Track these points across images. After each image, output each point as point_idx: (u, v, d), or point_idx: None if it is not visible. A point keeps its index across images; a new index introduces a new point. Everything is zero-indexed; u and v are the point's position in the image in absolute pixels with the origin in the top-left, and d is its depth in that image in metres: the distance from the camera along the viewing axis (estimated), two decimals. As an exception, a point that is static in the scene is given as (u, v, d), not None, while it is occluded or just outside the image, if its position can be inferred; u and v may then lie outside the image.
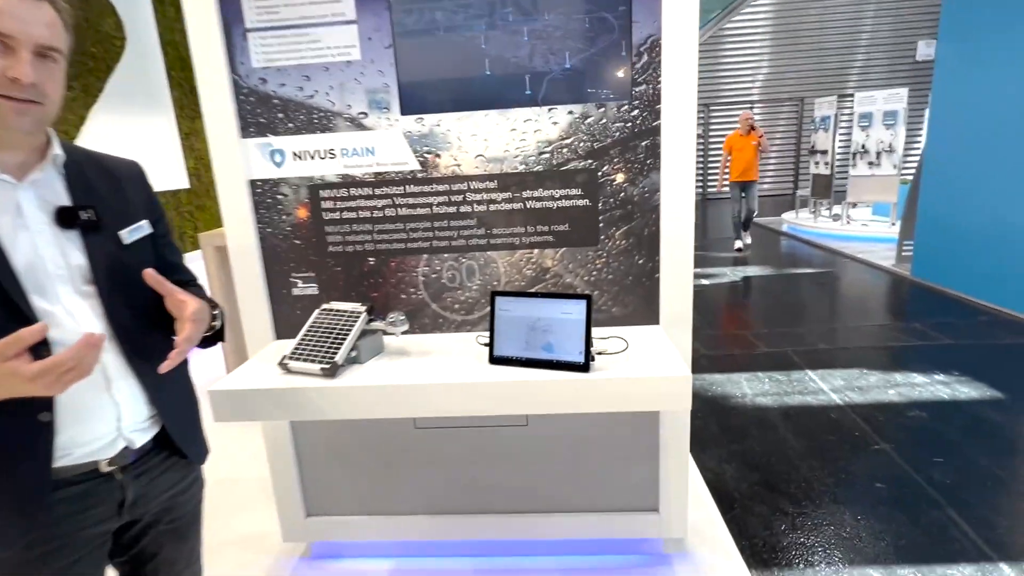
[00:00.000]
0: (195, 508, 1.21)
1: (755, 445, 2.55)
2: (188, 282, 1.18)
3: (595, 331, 1.55)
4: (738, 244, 7.00)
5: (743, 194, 6.70)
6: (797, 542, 1.93)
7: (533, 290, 1.63)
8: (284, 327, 1.69)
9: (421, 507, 1.86)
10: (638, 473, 1.78)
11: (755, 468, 2.37)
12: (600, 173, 1.54)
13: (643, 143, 1.51)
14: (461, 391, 1.32)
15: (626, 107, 1.49)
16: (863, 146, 7.05)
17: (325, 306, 1.54)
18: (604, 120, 1.50)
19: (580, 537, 1.84)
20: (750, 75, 11.72)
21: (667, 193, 1.53)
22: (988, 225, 4.34)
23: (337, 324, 1.47)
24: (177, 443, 1.08)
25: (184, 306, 0.95)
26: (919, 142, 10.05)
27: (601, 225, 1.57)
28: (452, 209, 1.58)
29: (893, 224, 6.97)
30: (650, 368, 1.32)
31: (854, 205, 7.92)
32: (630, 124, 1.50)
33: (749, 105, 11.65)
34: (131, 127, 3.79)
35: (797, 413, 2.82)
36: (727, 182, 6.87)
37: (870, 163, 6.96)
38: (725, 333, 4.04)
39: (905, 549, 1.87)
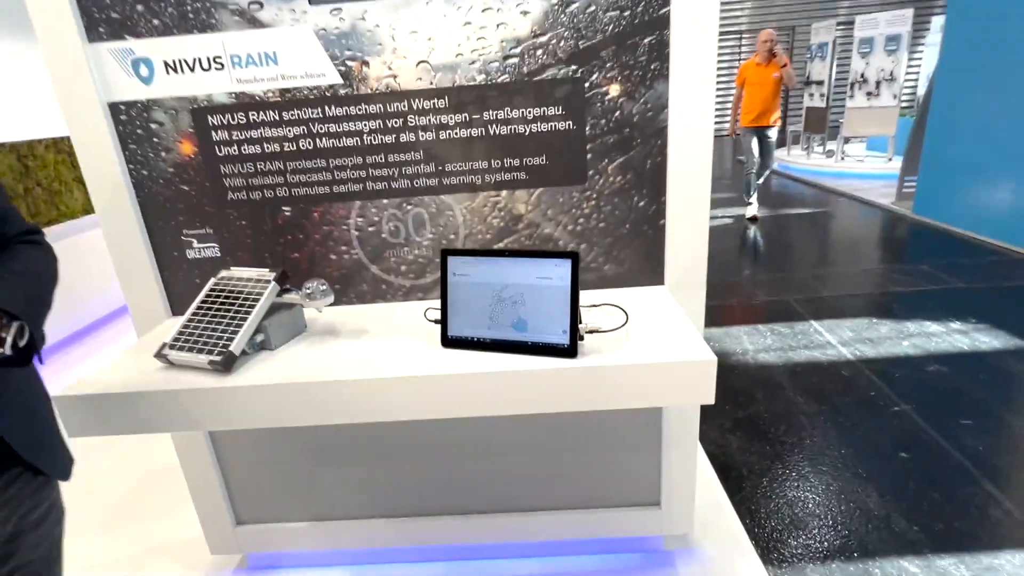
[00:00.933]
0: (50, 549, 0.89)
1: (762, 410, 2.27)
2: (18, 236, 0.85)
3: (584, 296, 1.19)
4: (752, 210, 5.22)
5: (759, 143, 4.98)
6: (818, 528, 1.67)
7: (499, 247, 1.25)
8: (181, 301, 1.30)
9: (378, 509, 1.54)
10: (636, 462, 1.47)
11: (763, 438, 2.10)
12: (588, 84, 1.13)
13: (646, 40, 1.11)
14: (401, 389, 0.96)
15: (623, -12, 1.08)
16: (862, 75, 6.59)
17: (224, 273, 1.15)
18: (592, 7, 1.09)
19: (569, 538, 1.54)
20: (738, 2, 11.00)
21: (678, 111, 1.14)
22: (1000, 158, 4.00)
23: (237, 298, 1.09)
24: (25, 456, 0.80)
25: None
26: (916, 70, 9.57)
27: (590, 157, 1.18)
28: (389, 138, 1.17)
29: (890, 160, 6.64)
30: (660, 350, 0.97)
31: (847, 140, 7.53)
32: (628, 13, 1.09)
33: (738, 36, 11.00)
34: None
35: (805, 370, 2.54)
36: (739, 127, 5.12)
37: (868, 93, 6.53)
38: (719, 281, 3.73)
39: (943, 535, 1.61)
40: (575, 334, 0.96)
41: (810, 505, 1.75)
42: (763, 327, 3.01)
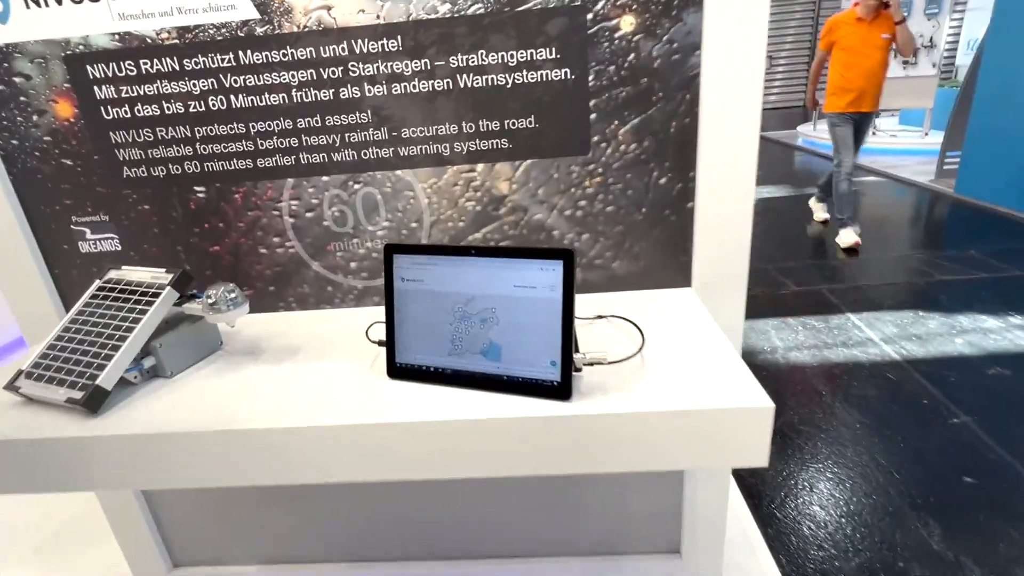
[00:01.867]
0: None
1: (795, 421, 1.97)
2: None
3: (585, 303, 0.90)
4: (821, 212, 4.04)
5: (858, 130, 3.44)
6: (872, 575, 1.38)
7: (474, 240, 0.96)
8: (77, 305, 1.03)
9: (344, 552, 1.28)
10: (652, 500, 1.19)
11: (798, 455, 1.81)
12: (591, 16, 0.83)
13: (673, -50, 0.80)
14: (321, 442, 0.69)
15: None
16: (898, 42, 6.10)
17: (112, 275, 0.88)
18: (598, -97, 0.78)
19: (567, 588, 1.28)
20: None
21: (715, 52, 0.83)
22: (1060, 129, 3.60)
23: (122, 309, 0.82)
24: None
25: None
26: (955, 36, 8.95)
27: (594, 117, 0.88)
28: (326, 94, 0.88)
29: (926, 135, 6.18)
30: (692, 390, 0.68)
31: (877, 114, 7.04)
32: (648, -90, 0.78)
33: None
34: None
35: (844, 373, 2.23)
36: (823, 108, 3.52)
37: (905, 62, 6.05)
38: (743, 267, 3.40)
39: (1027, 586, 1.32)
40: (569, 366, 0.67)
41: (860, 546, 1.47)
42: (793, 320, 2.69)
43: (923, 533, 1.48)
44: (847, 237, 3.53)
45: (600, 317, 0.89)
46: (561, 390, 0.68)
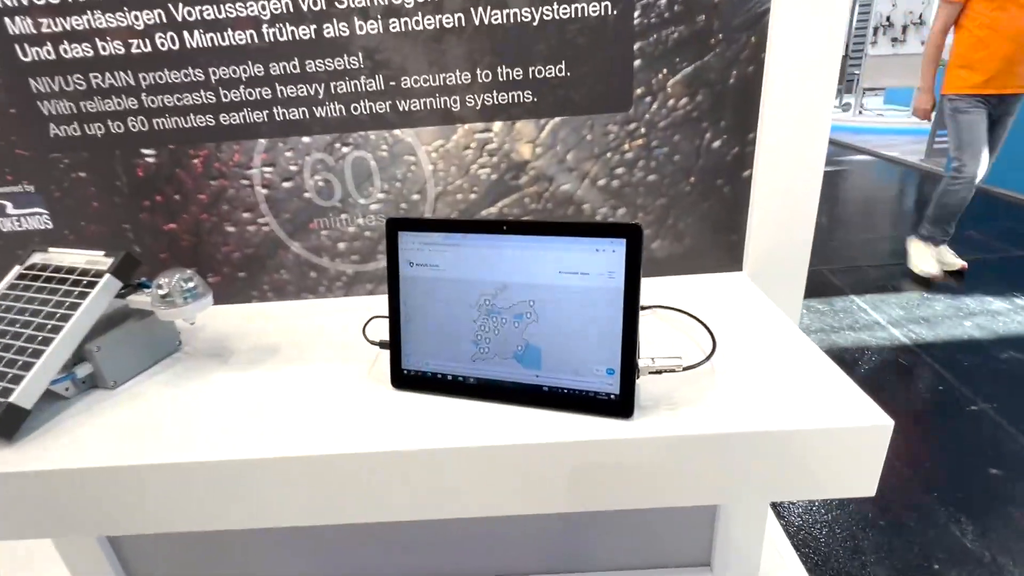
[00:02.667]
0: None
1: (809, 410, 1.87)
2: None
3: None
4: (929, 263, 2.70)
5: (994, 122, 2.38)
6: (904, 578, 1.29)
7: (489, 214, 0.80)
8: (1, 296, 0.85)
9: (338, 570, 1.13)
10: (680, 512, 1.06)
11: (816, 447, 1.70)
12: (641, -67, 0.67)
13: None
14: (316, 477, 0.53)
15: None
16: (888, 19, 6.02)
17: (37, 259, 0.70)
18: None
19: (583, 605, 1.15)
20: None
21: (791, -19, 0.68)
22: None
23: (47, 302, 0.64)
24: None
25: None
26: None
27: (638, 64, 0.72)
28: (306, 32, 0.70)
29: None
30: (784, 408, 0.54)
31: (863, 93, 7.00)
32: None
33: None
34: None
35: (854, 358, 2.14)
36: (952, 94, 2.39)
37: (894, 39, 5.98)
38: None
39: (1071, 589, 1.24)
40: (631, 376, 0.52)
41: (891, 546, 1.37)
42: (797, 303, 2.59)
43: (955, 531, 1.39)
44: (926, 262, 2.68)
45: (643, 309, 0.74)
46: (620, 406, 0.53)
